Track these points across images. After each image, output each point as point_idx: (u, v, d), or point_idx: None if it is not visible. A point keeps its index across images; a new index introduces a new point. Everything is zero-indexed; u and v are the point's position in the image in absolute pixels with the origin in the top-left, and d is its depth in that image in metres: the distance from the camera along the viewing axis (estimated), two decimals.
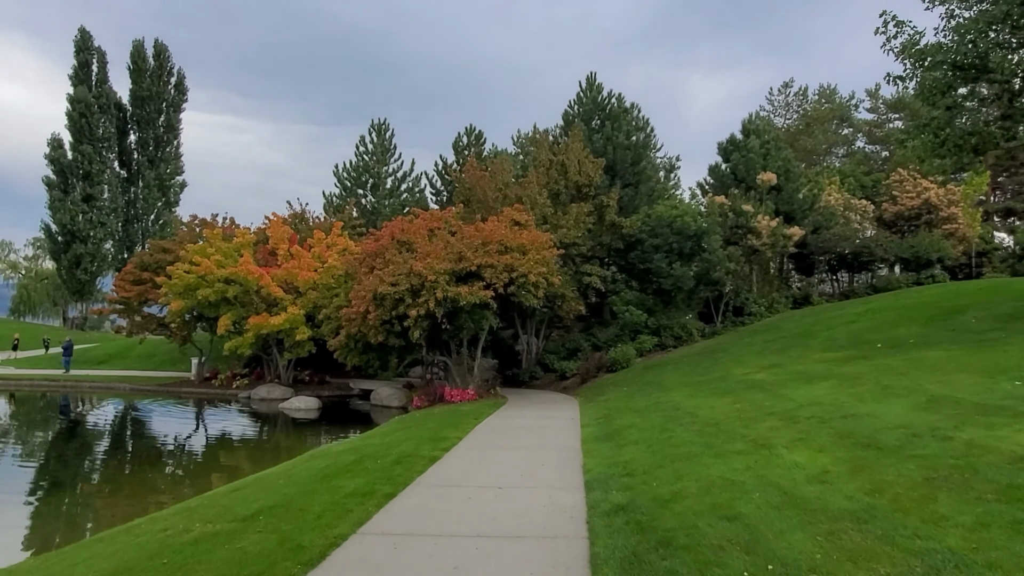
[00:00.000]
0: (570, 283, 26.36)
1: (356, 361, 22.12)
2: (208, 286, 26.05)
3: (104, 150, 63.09)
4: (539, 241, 20.80)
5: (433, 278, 18.97)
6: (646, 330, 28.03)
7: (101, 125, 62.88)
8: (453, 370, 21.98)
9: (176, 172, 68.92)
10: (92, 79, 63.66)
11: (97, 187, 61.85)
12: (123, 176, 66.70)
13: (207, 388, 30.53)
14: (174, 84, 69.13)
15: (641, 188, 31.22)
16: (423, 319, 19.78)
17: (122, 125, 66.51)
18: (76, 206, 60.14)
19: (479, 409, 18.20)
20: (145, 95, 66.68)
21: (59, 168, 60.70)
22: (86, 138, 61.43)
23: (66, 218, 59.72)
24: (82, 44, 63.64)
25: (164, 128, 68.16)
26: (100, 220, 61.36)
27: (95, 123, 62.09)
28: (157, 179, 66.72)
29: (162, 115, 68.03)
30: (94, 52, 64.15)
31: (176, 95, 69.27)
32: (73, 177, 61.04)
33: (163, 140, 68.05)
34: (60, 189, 60.60)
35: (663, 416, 12.90)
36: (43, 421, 23.73)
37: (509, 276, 19.77)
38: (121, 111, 66.52)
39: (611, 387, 21.52)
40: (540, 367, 28.00)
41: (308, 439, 19.48)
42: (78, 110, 61.52)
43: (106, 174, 62.80)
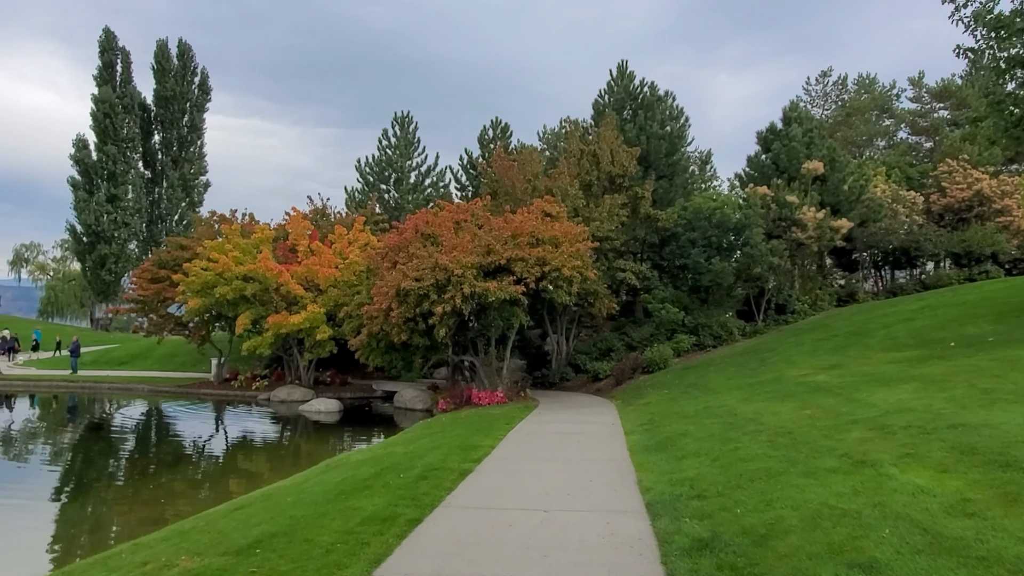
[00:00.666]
0: (603, 279, 24.96)
1: (378, 362, 20.95)
2: (226, 284, 25.08)
3: (128, 150, 62.98)
4: (572, 233, 19.44)
5: (460, 272, 17.71)
6: (683, 329, 26.51)
7: (125, 125, 62.78)
8: (481, 371, 20.71)
9: (200, 172, 68.67)
10: (116, 79, 63.59)
11: (121, 187, 61.72)
12: (147, 176, 66.59)
13: (226, 389, 29.62)
14: (198, 84, 68.91)
15: (676, 180, 29.69)
16: (449, 317, 18.53)
17: (146, 125, 66.44)
18: (100, 207, 60.00)
19: (509, 413, 16.89)
20: (169, 95, 66.51)
21: (84, 169, 60.65)
22: (110, 138, 61.32)
23: (91, 219, 59.60)
24: (107, 44, 63.60)
25: (188, 128, 67.94)
26: (124, 220, 61.19)
27: (119, 123, 61.97)
28: (181, 179, 66.49)
29: (186, 115, 67.83)
30: (118, 52, 64.07)
31: (200, 95, 69.05)
32: (98, 178, 60.98)
33: (187, 140, 67.84)
34: (85, 190, 60.54)
35: (720, 423, 11.47)
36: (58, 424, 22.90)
37: (541, 270, 18.44)
38: (145, 111, 66.43)
39: (650, 389, 20.09)
40: (571, 368, 26.62)
41: (328, 444, 18.33)
42: (102, 110, 61.46)
43: (130, 174, 62.67)
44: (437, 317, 18.07)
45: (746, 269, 26.35)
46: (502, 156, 25.16)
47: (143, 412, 25.78)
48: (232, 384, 29.77)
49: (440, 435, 13.36)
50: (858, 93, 48.22)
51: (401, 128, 38.59)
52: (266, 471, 14.63)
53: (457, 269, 17.66)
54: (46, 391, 31.43)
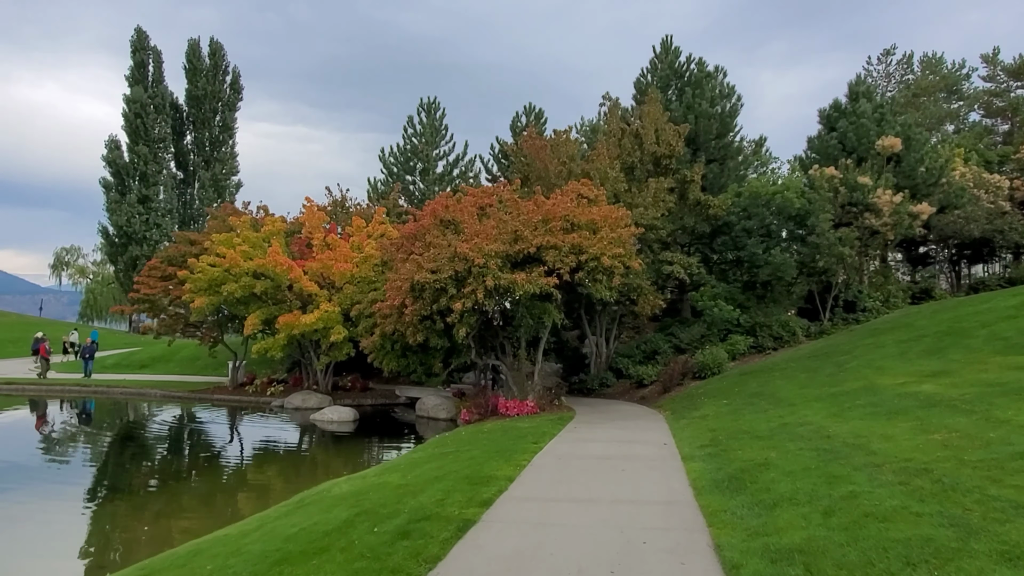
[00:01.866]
0: (647, 273, 22.20)
1: (393, 366, 18.61)
2: (234, 280, 23.06)
3: (160, 151, 62.30)
4: (613, 217, 16.80)
5: (482, 262, 15.21)
6: (738, 329, 23.56)
7: (157, 125, 62.09)
8: (509, 377, 18.17)
9: (231, 172, 67.72)
10: (148, 79, 63.02)
11: (153, 188, 60.98)
12: (179, 177, 65.88)
13: (240, 395, 27.66)
14: (229, 83, 67.98)
15: (728, 165, 26.76)
16: (470, 314, 16.05)
17: (178, 126, 65.75)
18: (132, 207, 59.29)
19: (539, 427, 14.31)
20: (200, 94, 65.71)
21: (115, 170, 60.08)
22: (141, 139, 60.65)
23: (122, 220, 58.94)
24: (138, 44, 63.08)
25: (220, 128, 67.05)
26: (156, 222, 60.40)
27: (150, 123, 61.29)
28: (212, 179, 65.59)
29: (217, 115, 66.94)
30: (150, 52, 63.51)
31: (231, 94, 68.13)
32: (129, 178, 60.34)
33: (219, 140, 66.94)
34: (117, 191, 59.96)
35: (811, 448, 8.70)
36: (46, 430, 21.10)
37: (576, 259, 15.83)
38: (177, 111, 65.75)
39: (704, 398, 17.29)
40: (612, 373, 23.91)
41: (329, 463, 15.98)
42: (133, 111, 60.86)
43: (162, 175, 61.93)
44: (456, 314, 15.61)
45: (810, 262, 23.27)
46: (534, 137, 22.57)
47: (145, 419, 23.91)
48: (247, 389, 27.80)
49: (451, 458, 10.85)
50: (923, 74, 44.30)
51: (428, 115, 36.28)
52: (234, 503, 12.33)
53: (478, 258, 15.16)
54: (57, 395, 29.96)
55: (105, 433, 20.85)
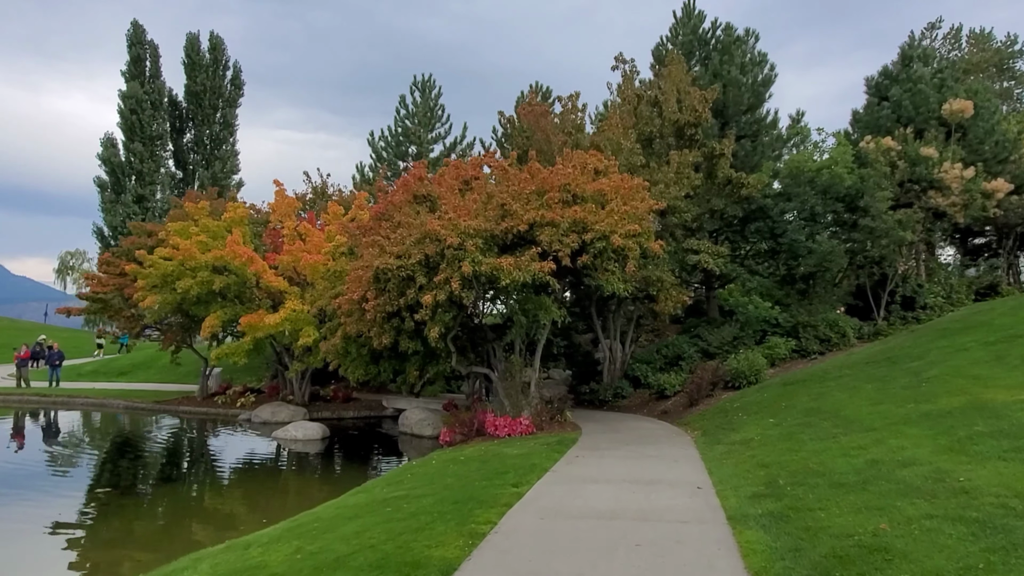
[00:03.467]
0: (668, 263, 18.75)
1: (360, 374, 15.34)
2: (190, 275, 19.96)
3: (157, 148, 59.85)
4: (627, 187, 13.40)
5: (456, 242, 11.88)
6: (777, 330, 20.00)
7: (154, 122, 59.63)
8: (499, 388, 14.80)
9: (232, 171, 65.07)
10: (146, 75, 60.64)
11: (149, 187, 58.58)
12: (179, 176, 63.37)
13: (209, 406, 24.58)
14: (230, 79, 65.45)
15: (761, 140, 23.19)
16: (445, 310, 12.73)
17: (178, 123, 63.29)
18: (128, 207, 56.81)
19: (530, 455, 10.94)
20: (199, 90, 63.21)
21: (111, 168, 57.74)
22: (138, 136, 58.21)
23: (117, 220, 56.46)
24: (135, 38, 60.77)
25: (221, 125, 64.49)
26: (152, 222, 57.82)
27: (147, 120, 58.78)
28: (212, 178, 62.94)
29: (218, 111, 64.37)
30: (147, 46, 61.16)
31: (232, 90, 65.57)
32: (125, 177, 57.94)
33: (219, 137, 64.36)
34: (112, 190, 57.62)
35: (944, 515, 5.26)
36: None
37: (579, 240, 12.45)
38: (176, 108, 63.29)
39: (743, 415, 13.79)
40: (628, 381, 20.43)
41: (243, 507, 12.61)
42: (129, 107, 58.42)
43: (159, 173, 59.46)
44: (427, 310, 12.30)
45: (862, 250, 19.66)
46: (534, 104, 19.19)
47: (83, 437, 20.81)
48: (216, 400, 24.69)
49: (391, 510, 7.52)
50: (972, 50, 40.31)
51: (422, 94, 33.06)
52: (151, 551, 9.04)
53: (452, 238, 11.84)
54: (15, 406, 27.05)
55: (32, 452, 17.76)
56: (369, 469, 15.31)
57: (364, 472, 14.62)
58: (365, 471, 14.75)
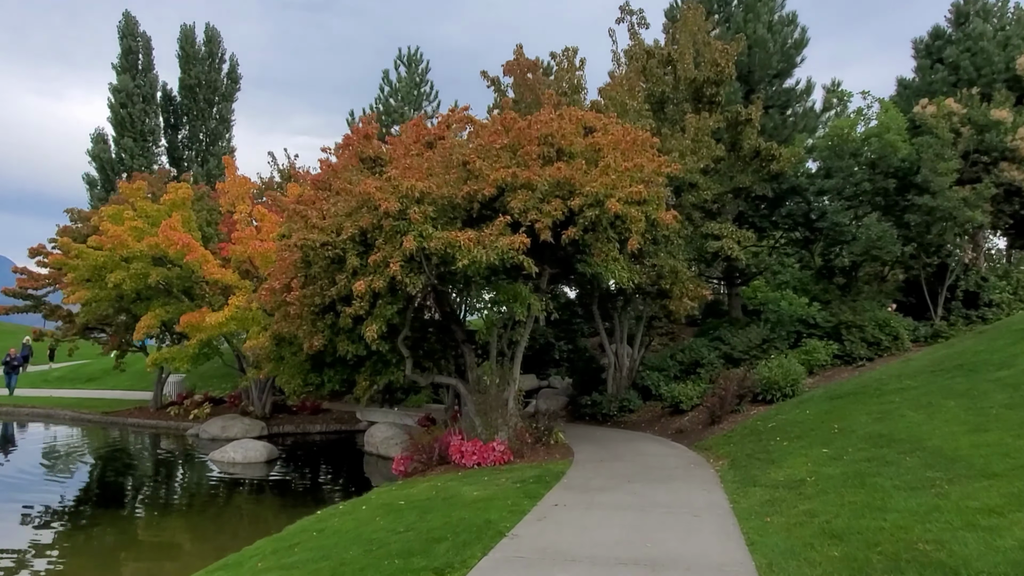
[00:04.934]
0: (685, 252, 15.56)
1: (298, 385, 12.30)
2: (123, 267, 17.04)
3: (149, 144, 57.42)
4: (628, 140, 10.25)
5: (395, 208, 8.79)
6: (815, 331, 16.72)
7: (146, 117, 57.20)
8: (469, 403, 11.66)
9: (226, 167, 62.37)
10: (138, 68, 58.27)
11: None
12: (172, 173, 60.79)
13: (160, 418, 21.71)
14: (226, 72, 62.92)
15: (794, 110, 19.95)
16: (388, 302, 9.64)
17: (171, 119, 60.84)
18: None
19: (491, 503, 7.81)
20: (193, 83, 60.73)
21: (100, 164, 55.35)
22: (128, 131, 55.80)
23: None
24: (127, 30, 58.46)
25: (217, 121, 61.94)
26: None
27: (137, 114, 56.35)
28: (207, 175, 60.37)
29: (214, 106, 61.84)
30: (139, 39, 58.80)
31: (228, 84, 63.03)
32: (115, 174, 55.46)
33: (215, 133, 61.79)
34: (102, 187, 55.17)
35: None
36: None
37: (564, 207, 9.30)
38: (170, 102, 60.84)
39: (782, 439, 10.56)
40: (636, 392, 17.20)
41: (130, 559, 9.57)
42: (119, 100, 56.06)
43: (151, 170, 56.91)
44: (362, 302, 9.21)
45: (919, 235, 16.34)
46: (522, 59, 16.05)
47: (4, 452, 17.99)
48: (170, 412, 21.78)
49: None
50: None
51: (408, 68, 30.13)
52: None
53: (389, 203, 8.74)
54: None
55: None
56: (306, 507, 12.19)
57: (297, 513, 11.50)
58: (298, 512, 11.64)
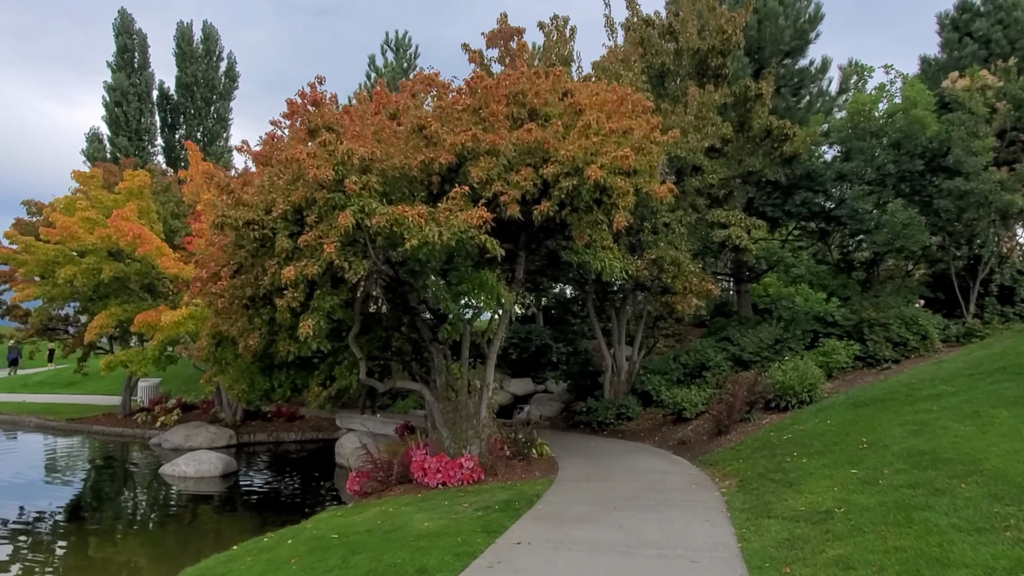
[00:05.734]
0: (689, 242, 13.95)
1: (244, 390, 10.80)
2: (75, 262, 15.62)
3: (145, 143, 56.29)
4: (613, 100, 8.66)
5: (329, 178, 7.26)
6: (833, 330, 15.04)
7: (140, 115, 56.07)
8: (435, 412, 10.08)
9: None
10: (135, 65, 57.20)
11: None
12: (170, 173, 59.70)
13: (127, 426, 20.30)
14: (224, 71, 61.75)
15: (809, 90, 18.32)
16: (329, 293, 8.14)
17: (168, 118, 59.73)
18: None
19: (439, 539, 6.24)
20: (190, 81, 59.58)
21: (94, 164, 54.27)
22: (122, 130, 54.73)
23: None
24: (122, 28, 57.39)
25: (215, 120, 60.78)
26: None
27: (132, 113, 55.25)
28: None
29: (211, 105, 60.68)
30: (135, 36, 57.70)
31: (227, 83, 61.87)
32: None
33: (213, 132, 60.62)
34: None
35: None
36: None
37: (537, 177, 7.72)
38: (167, 101, 59.74)
39: (798, 454, 8.93)
40: (635, 398, 15.56)
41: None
42: (114, 99, 55.03)
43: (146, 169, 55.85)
44: (295, 292, 7.69)
45: (951, 222, 14.66)
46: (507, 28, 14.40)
47: None
48: (136, 419, 20.35)
49: None
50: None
51: (396, 53, 28.72)
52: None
53: (321, 170, 7.21)
54: None
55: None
56: (243, 534, 10.61)
57: (225, 542, 9.92)
58: (231, 539, 10.05)
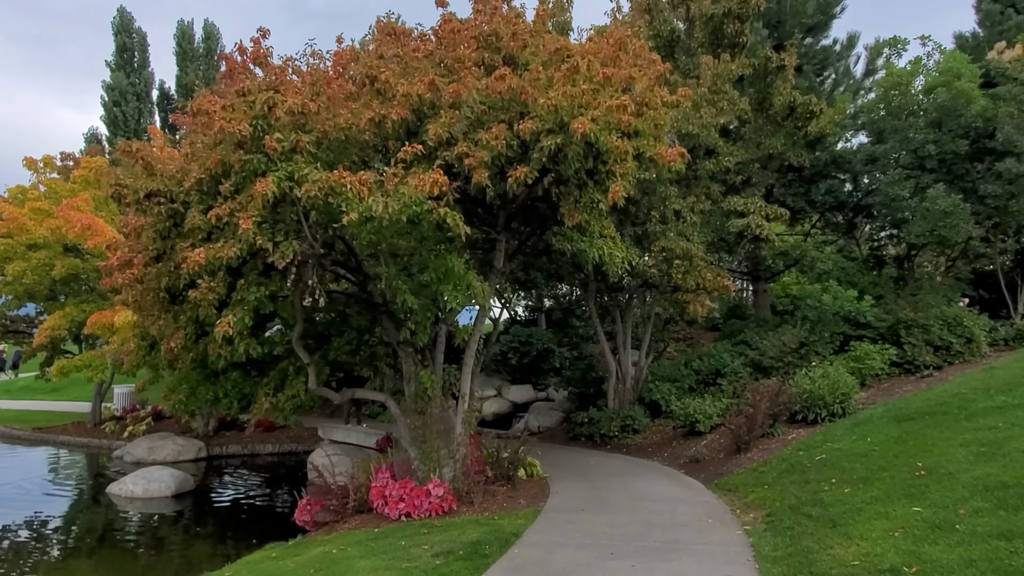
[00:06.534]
0: (702, 233, 12.31)
1: (179, 402, 9.26)
2: (24, 257, 14.20)
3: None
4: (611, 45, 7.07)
5: (247, 133, 5.69)
6: (865, 332, 13.32)
7: (139, 115, 55.03)
8: (402, 426, 8.50)
9: None
10: (133, 65, 56.26)
11: None
12: None
13: (93, 435, 18.94)
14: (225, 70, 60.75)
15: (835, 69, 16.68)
16: (253, 282, 6.57)
17: (169, 118, 58.80)
18: None
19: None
20: (190, 81, 58.49)
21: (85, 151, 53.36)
22: (120, 130, 53.61)
23: None
24: (121, 26, 56.33)
25: None
26: None
27: (130, 112, 54.19)
28: None
29: None
30: (134, 35, 56.67)
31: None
32: None
33: None
34: None
35: None
36: None
37: (511, 136, 6.12)
38: (168, 101, 58.74)
39: (837, 481, 7.28)
40: (642, 408, 13.89)
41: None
42: (112, 99, 53.98)
43: None
44: (212, 281, 6.14)
45: (1000, 210, 12.95)
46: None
47: None
48: (105, 429, 18.93)
49: None
50: None
51: None
52: None
53: (236, 125, 5.64)
54: None
55: None
56: (180, 557, 9.03)
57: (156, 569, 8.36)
58: (167, 562, 8.48)
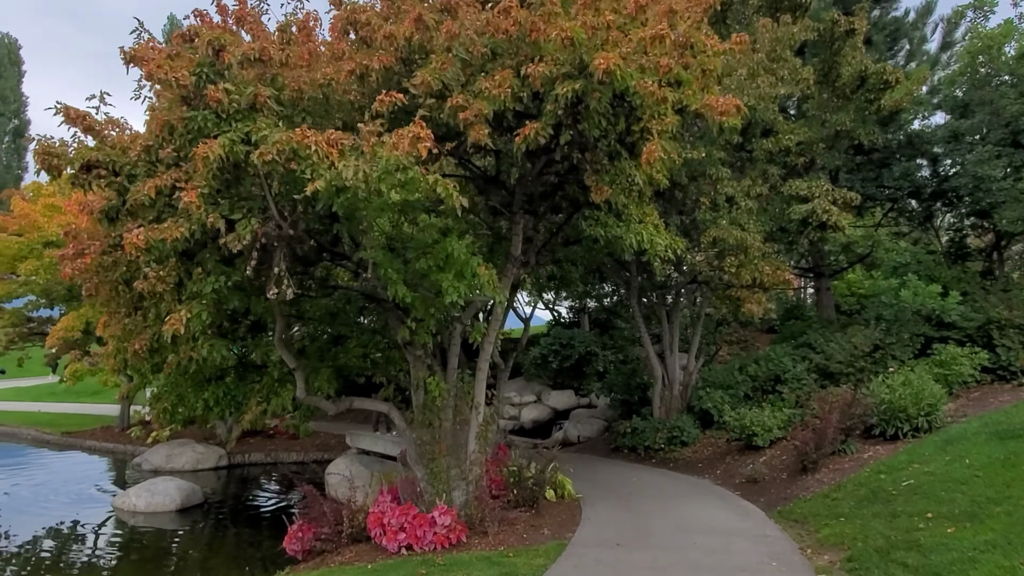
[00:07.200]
0: (759, 221, 10.83)
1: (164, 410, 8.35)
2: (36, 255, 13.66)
3: None
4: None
5: (184, 83, 4.60)
6: (949, 333, 11.58)
7: None
8: (408, 442, 7.34)
9: None
10: None
11: None
12: None
13: (120, 441, 18.42)
14: None
15: (907, 42, 14.93)
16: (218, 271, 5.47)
17: None
18: None
19: None
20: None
21: None
22: None
23: None
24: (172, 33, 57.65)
25: None
26: None
27: None
28: None
29: None
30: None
31: None
32: None
33: None
34: None
35: None
36: None
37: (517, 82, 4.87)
38: None
39: (935, 515, 5.81)
40: (691, 417, 12.43)
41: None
42: None
43: None
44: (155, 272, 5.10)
45: None
46: None
47: None
48: (131, 433, 18.40)
49: None
50: None
51: None
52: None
53: (177, 73, 4.56)
54: None
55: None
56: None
57: None
58: None
